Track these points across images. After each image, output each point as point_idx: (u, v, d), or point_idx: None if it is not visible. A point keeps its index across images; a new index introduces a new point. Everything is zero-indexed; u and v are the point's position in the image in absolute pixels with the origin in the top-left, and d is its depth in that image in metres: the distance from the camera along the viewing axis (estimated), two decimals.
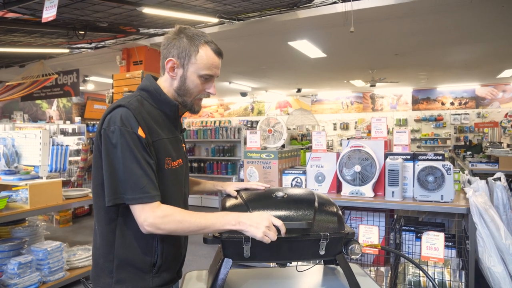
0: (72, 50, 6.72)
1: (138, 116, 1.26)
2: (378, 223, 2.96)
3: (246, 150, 3.47)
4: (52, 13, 3.10)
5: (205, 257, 4.83)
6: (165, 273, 1.36)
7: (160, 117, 1.37)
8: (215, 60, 1.38)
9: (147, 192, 1.20)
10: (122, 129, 1.22)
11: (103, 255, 1.31)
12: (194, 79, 1.36)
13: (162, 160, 1.31)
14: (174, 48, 1.35)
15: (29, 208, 3.33)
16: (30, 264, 3.32)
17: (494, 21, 5.45)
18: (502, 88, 12.02)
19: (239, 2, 4.49)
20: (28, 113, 11.18)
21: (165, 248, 1.33)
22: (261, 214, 1.21)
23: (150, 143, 1.27)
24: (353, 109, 14.09)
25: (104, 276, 1.30)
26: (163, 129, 1.36)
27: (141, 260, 1.30)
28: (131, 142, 1.21)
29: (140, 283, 1.30)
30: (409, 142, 3.10)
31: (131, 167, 1.20)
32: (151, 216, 1.19)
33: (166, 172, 1.32)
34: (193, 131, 8.36)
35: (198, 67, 1.35)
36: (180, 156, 1.42)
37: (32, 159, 3.65)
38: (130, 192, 1.20)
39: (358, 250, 1.25)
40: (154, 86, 1.39)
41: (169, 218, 1.21)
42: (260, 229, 1.16)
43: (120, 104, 1.28)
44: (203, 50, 1.35)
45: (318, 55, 7.44)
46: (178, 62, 1.35)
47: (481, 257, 2.51)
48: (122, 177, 1.21)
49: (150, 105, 1.36)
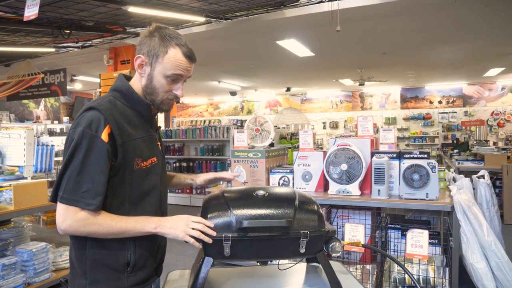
0: (58, 49, 6.65)
1: (109, 117, 1.26)
2: (365, 221, 2.98)
3: (234, 149, 3.47)
4: (34, 12, 3.05)
5: (193, 256, 4.78)
6: (141, 272, 1.35)
7: (134, 116, 1.38)
8: (183, 62, 1.37)
9: (85, 198, 1.21)
10: (85, 131, 1.23)
11: (75, 256, 1.32)
12: (160, 78, 1.37)
13: (131, 161, 1.31)
14: (145, 46, 1.36)
15: (13, 209, 3.28)
16: (14, 265, 3.28)
17: (478, 21, 5.52)
18: (488, 86, 12.19)
19: (225, 1, 4.48)
20: (15, 113, 11.02)
21: (138, 245, 1.33)
22: (179, 216, 1.28)
23: (119, 144, 1.27)
24: (343, 108, 14.16)
25: (79, 278, 1.30)
26: (137, 129, 1.36)
27: (114, 260, 1.30)
28: (91, 145, 1.22)
29: (115, 283, 1.30)
30: (395, 140, 3.12)
31: (81, 169, 1.21)
32: (71, 219, 1.21)
33: (135, 173, 1.33)
34: (182, 130, 8.33)
35: (164, 67, 1.35)
36: (155, 154, 1.42)
37: (16, 160, 3.60)
38: (69, 192, 1.21)
39: (339, 248, 1.26)
40: (125, 86, 1.39)
41: (89, 221, 1.22)
42: (179, 229, 1.23)
43: (91, 106, 1.28)
44: (172, 51, 1.34)
45: (307, 54, 7.46)
46: (147, 60, 1.36)
47: (465, 254, 2.54)
48: (68, 176, 1.22)
49: (123, 105, 1.36)
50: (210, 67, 9.05)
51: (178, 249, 5.03)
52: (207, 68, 9.05)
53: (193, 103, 16.94)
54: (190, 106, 17.01)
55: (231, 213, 1.20)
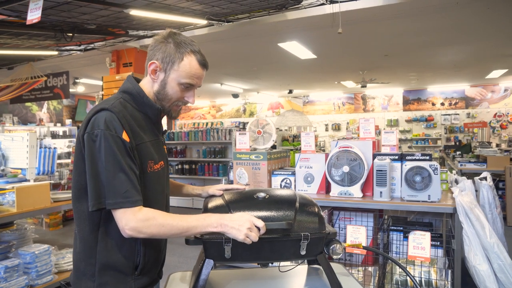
0: (61, 52, 6.68)
1: (123, 119, 1.25)
2: (367, 223, 2.98)
3: (236, 152, 3.47)
4: (37, 15, 3.07)
5: (194, 258, 4.79)
6: (146, 276, 1.36)
7: (143, 120, 1.37)
8: (198, 70, 1.38)
9: (129, 197, 1.20)
10: (106, 132, 1.21)
11: (84, 259, 1.31)
12: (174, 85, 1.36)
13: (145, 163, 1.31)
14: (159, 52, 1.35)
15: (16, 211, 3.29)
16: (17, 267, 3.29)
17: (481, 22, 5.51)
18: (491, 88, 12.16)
19: (227, 3, 4.49)
20: (18, 116, 11.07)
21: (148, 251, 1.34)
22: (243, 216, 1.20)
23: (134, 147, 1.27)
24: (345, 110, 14.15)
25: (86, 280, 1.30)
26: (146, 132, 1.35)
27: (123, 264, 1.30)
28: (115, 147, 1.21)
29: (122, 286, 1.31)
30: (397, 142, 3.12)
31: (114, 172, 1.20)
32: (132, 220, 1.19)
33: (149, 175, 1.33)
34: (184, 133, 8.34)
35: (179, 75, 1.35)
36: (162, 158, 1.42)
37: (19, 162, 3.61)
38: (112, 196, 1.19)
39: (339, 250, 1.26)
40: (136, 88, 1.38)
41: (151, 222, 1.20)
42: (242, 231, 1.15)
43: (103, 107, 1.26)
44: (187, 59, 1.34)
45: (309, 56, 7.46)
46: (161, 66, 1.35)
47: (467, 256, 2.54)
48: (105, 181, 1.20)
49: (132, 108, 1.35)
50: (212, 70, 9.05)
51: (180, 251, 5.04)
52: (209, 70, 8.87)
53: (195, 106, 16.96)
54: (192, 109, 17.04)
55: None
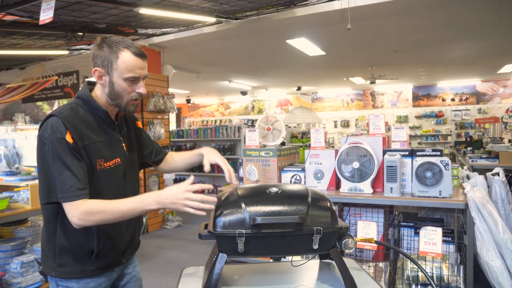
0: (72, 52, 6.75)
1: (68, 123, 1.40)
2: (377, 219, 2.97)
3: (245, 148, 3.48)
4: (49, 15, 3.12)
5: (205, 255, 4.82)
6: (105, 258, 1.53)
7: (96, 121, 1.51)
8: (136, 62, 1.47)
9: (73, 191, 1.35)
10: (52, 135, 1.38)
11: (46, 242, 1.51)
12: (121, 83, 1.47)
13: (94, 162, 1.46)
14: (97, 58, 1.46)
15: (30, 208, 3.34)
16: (32, 263, 3.35)
17: (492, 17, 5.45)
18: (503, 83, 12.01)
19: (236, 1, 4.50)
20: (30, 115, 11.21)
21: (102, 238, 1.50)
22: (177, 188, 1.35)
23: (81, 147, 1.42)
24: (354, 107, 14.09)
25: (49, 260, 1.50)
26: (98, 133, 1.50)
27: (79, 248, 1.48)
28: (59, 147, 1.37)
29: (80, 266, 1.49)
30: (407, 138, 3.10)
31: (60, 169, 1.36)
32: (77, 211, 1.35)
33: (99, 172, 1.48)
34: (193, 130, 8.38)
35: (121, 72, 1.45)
36: (118, 155, 1.56)
37: (32, 160, 3.66)
38: (60, 191, 1.36)
39: (351, 244, 1.26)
40: (86, 94, 1.52)
41: (93, 211, 1.35)
42: (179, 203, 1.32)
43: (52, 114, 1.43)
44: (122, 55, 1.44)
45: (317, 53, 7.44)
46: (103, 70, 1.46)
47: (480, 252, 2.52)
48: (53, 178, 1.37)
49: (85, 111, 1.50)
50: (221, 67, 9.08)
51: (191, 248, 5.08)
52: (217, 68, 9.09)
53: (204, 103, 17.02)
54: (201, 106, 17.10)
55: (245, 210, 1.21)
